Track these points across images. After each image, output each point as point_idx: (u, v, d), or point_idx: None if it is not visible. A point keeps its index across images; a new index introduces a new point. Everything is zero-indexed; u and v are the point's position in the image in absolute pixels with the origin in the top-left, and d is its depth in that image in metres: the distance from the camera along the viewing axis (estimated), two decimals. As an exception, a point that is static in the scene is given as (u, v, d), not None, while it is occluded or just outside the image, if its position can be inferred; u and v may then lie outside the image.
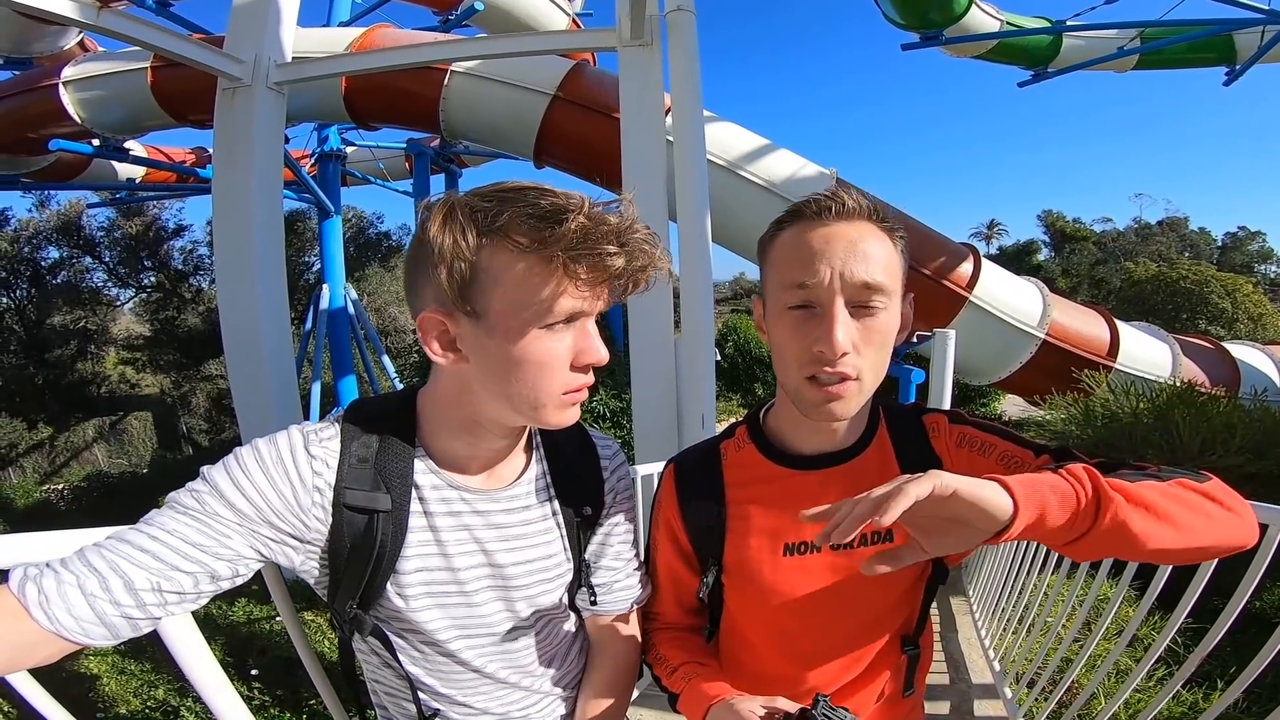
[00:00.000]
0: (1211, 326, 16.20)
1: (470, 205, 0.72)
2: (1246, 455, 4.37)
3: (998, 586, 3.29)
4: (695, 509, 1.00)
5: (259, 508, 0.74)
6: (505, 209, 0.71)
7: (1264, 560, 1.47)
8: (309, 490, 0.77)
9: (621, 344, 8.24)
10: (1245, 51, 9.15)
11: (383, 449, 0.82)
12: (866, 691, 1.00)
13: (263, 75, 3.30)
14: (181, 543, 0.70)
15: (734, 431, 1.05)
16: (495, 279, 0.72)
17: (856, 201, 0.85)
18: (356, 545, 0.80)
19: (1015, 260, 31.37)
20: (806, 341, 0.84)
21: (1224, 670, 2.48)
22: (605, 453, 1.03)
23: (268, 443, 0.78)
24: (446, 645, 0.87)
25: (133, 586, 0.67)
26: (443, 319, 0.75)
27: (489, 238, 0.72)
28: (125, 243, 17.71)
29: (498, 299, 0.73)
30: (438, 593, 0.85)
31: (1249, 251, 38.49)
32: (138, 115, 7.88)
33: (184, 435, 18.56)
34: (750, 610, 1.00)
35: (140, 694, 3.79)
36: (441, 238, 0.71)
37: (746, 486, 0.98)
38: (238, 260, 3.34)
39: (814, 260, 0.83)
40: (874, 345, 0.85)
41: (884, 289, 0.83)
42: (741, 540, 0.97)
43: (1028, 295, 7.35)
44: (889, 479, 0.79)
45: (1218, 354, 8.33)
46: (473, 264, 0.72)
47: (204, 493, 0.73)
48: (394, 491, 0.81)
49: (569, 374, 0.78)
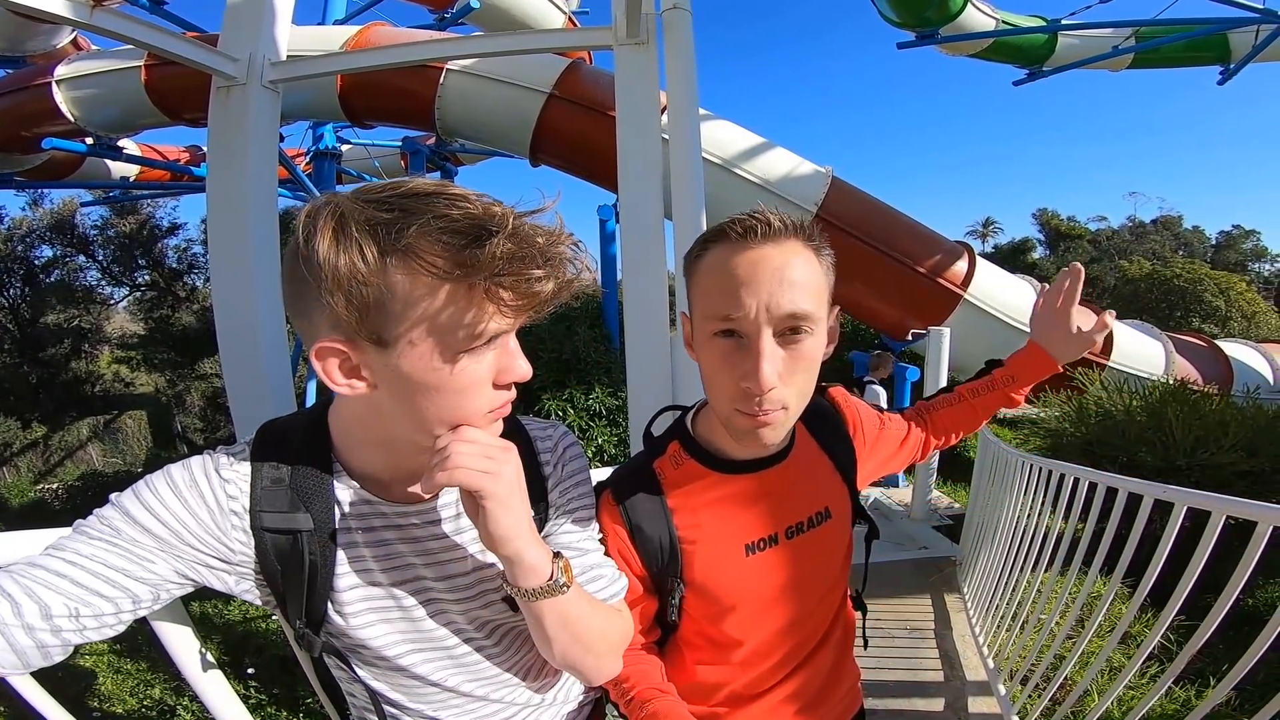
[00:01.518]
0: (1205, 324, 16.28)
1: (367, 217, 0.62)
2: (1239, 453, 4.39)
3: (991, 584, 3.31)
4: (645, 536, 0.98)
5: (176, 531, 0.71)
6: (411, 222, 0.61)
7: (1253, 556, 1.49)
8: (225, 514, 0.74)
9: (617, 342, 8.25)
10: (1240, 50, 9.19)
11: (297, 469, 0.78)
12: (821, 654, 1.08)
13: (257, 73, 3.28)
14: (102, 567, 0.67)
15: (664, 449, 1.03)
16: (406, 305, 0.63)
17: (783, 221, 0.84)
18: (287, 567, 0.77)
19: (1010, 258, 31.39)
20: (734, 375, 0.84)
21: (1217, 668, 2.50)
22: (544, 445, 0.93)
23: (180, 467, 0.75)
24: (399, 661, 0.84)
25: (49, 613, 0.64)
26: (343, 348, 0.66)
27: (394, 258, 0.62)
28: (119, 241, 17.62)
29: (409, 327, 0.64)
30: (379, 609, 0.82)
31: (1243, 250, 38.60)
32: (131, 113, 7.84)
33: (179, 434, 18.49)
34: (717, 613, 1.01)
35: (137, 693, 3.79)
36: (335, 259, 0.61)
37: (694, 501, 0.99)
38: (233, 259, 3.32)
39: (739, 290, 0.81)
40: (801, 371, 0.85)
41: (810, 316, 0.83)
42: (701, 554, 0.98)
43: (1022, 293, 7.38)
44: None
45: (1211, 352, 8.37)
46: (376, 289, 0.62)
47: (116, 519, 0.70)
48: (314, 511, 0.77)
49: (491, 393, 0.72)
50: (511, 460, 0.74)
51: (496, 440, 0.75)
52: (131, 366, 18.94)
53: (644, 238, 3.07)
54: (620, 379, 7.27)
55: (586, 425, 7.21)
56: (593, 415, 7.34)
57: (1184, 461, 4.38)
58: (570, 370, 7.68)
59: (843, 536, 1.06)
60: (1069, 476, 2.40)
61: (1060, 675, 2.29)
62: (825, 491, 1.04)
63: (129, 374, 18.83)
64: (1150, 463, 4.42)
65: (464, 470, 0.69)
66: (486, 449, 0.72)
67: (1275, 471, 4.44)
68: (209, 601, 4.58)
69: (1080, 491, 2.32)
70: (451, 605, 0.86)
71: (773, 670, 1.05)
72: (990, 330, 7.08)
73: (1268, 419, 4.85)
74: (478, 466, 0.70)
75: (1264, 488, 4.33)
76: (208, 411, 18.35)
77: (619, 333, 8.15)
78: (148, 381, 18.92)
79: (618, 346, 8.16)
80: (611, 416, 7.40)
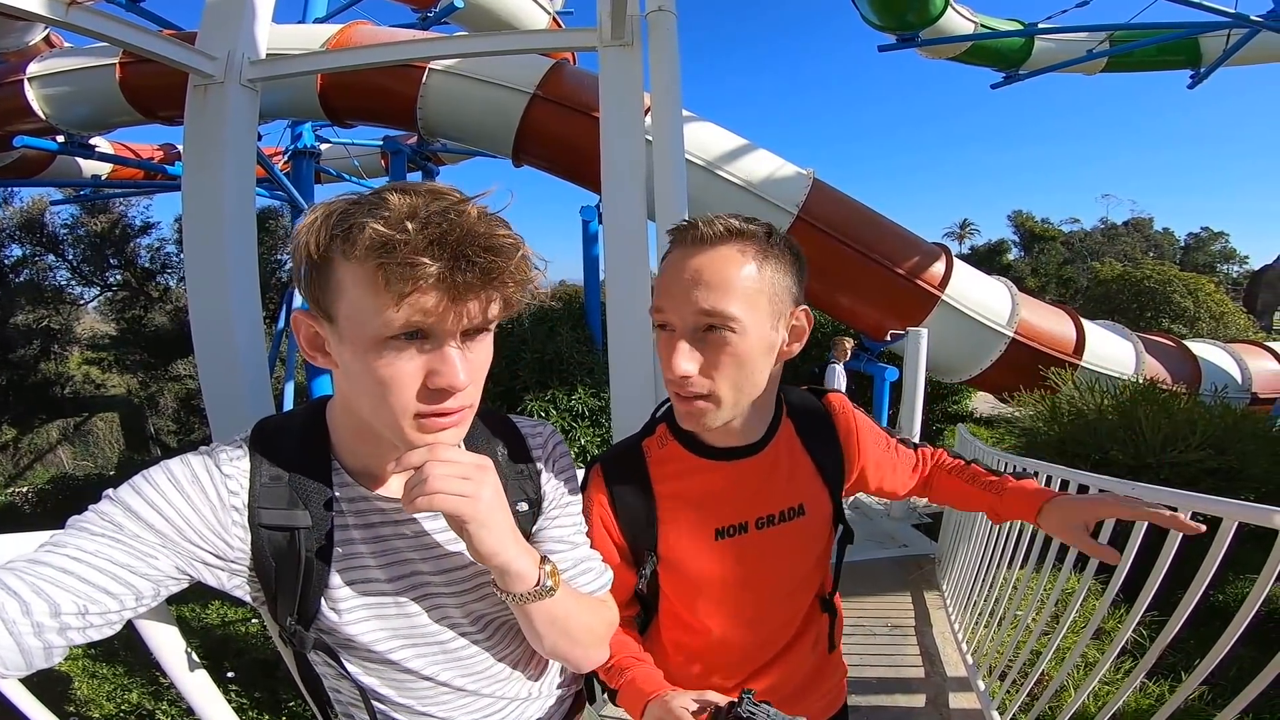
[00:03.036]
0: (1174, 325, 16.61)
1: (341, 210, 0.69)
2: (1207, 451, 4.50)
3: (969, 581, 3.36)
4: (626, 505, 1.04)
5: (178, 527, 0.71)
6: (361, 214, 0.67)
7: (1219, 552, 1.53)
8: (227, 509, 0.75)
9: (601, 343, 8.25)
10: (1211, 55, 9.39)
11: (296, 466, 0.79)
12: (796, 651, 1.12)
13: (236, 72, 3.24)
14: (108, 563, 0.66)
15: (654, 429, 1.11)
16: (341, 286, 0.69)
17: (714, 229, 0.89)
18: (282, 564, 0.78)
19: (986, 260, 31.86)
20: (664, 362, 0.93)
21: (1191, 664, 2.58)
22: (535, 440, 0.97)
23: (179, 463, 0.75)
24: (390, 656, 0.85)
25: (58, 611, 0.63)
26: (310, 321, 0.74)
27: (338, 242, 0.68)
28: (90, 240, 17.20)
29: (343, 307, 0.69)
30: (373, 605, 0.83)
31: (1212, 252, 39.55)
32: (105, 111, 7.69)
33: (152, 437, 18.11)
34: (688, 593, 1.07)
35: (114, 697, 3.74)
36: (301, 239, 0.70)
37: (673, 480, 1.05)
38: (208, 259, 3.27)
39: (667, 288, 0.91)
40: (728, 366, 0.90)
41: (726, 315, 0.87)
42: (674, 530, 1.04)
43: (997, 294, 7.50)
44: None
45: (1180, 352, 8.56)
46: (319, 267, 0.69)
47: (117, 514, 0.70)
48: (312, 508, 0.79)
49: (415, 400, 0.72)
50: (489, 480, 0.77)
51: (472, 458, 0.77)
52: (103, 368, 18.52)
53: (627, 239, 3.08)
54: (603, 380, 7.28)
55: (569, 426, 7.20)
56: (575, 416, 7.34)
57: (1154, 459, 4.48)
58: (553, 371, 7.67)
59: (817, 536, 1.08)
60: (1042, 474, 2.45)
61: (1036, 671, 2.34)
62: (802, 489, 1.07)
63: (100, 375, 18.42)
64: (1121, 460, 4.52)
65: (441, 496, 0.71)
66: (464, 469, 0.74)
67: (1242, 469, 4.57)
68: (187, 605, 4.52)
69: (1053, 489, 2.37)
70: (448, 599, 0.88)
71: (743, 660, 1.10)
72: (966, 331, 7.19)
73: (1235, 418, 4.98)
74: (454, 490, 0.72)
75: (1231, 484, 4.45)
76: (182, 414, 18.00)
77: (602, 333, 8.15)
78: (119, 383, 18.51)
79: (600, 347, 8.16)
80: (594, 417, 7.40)
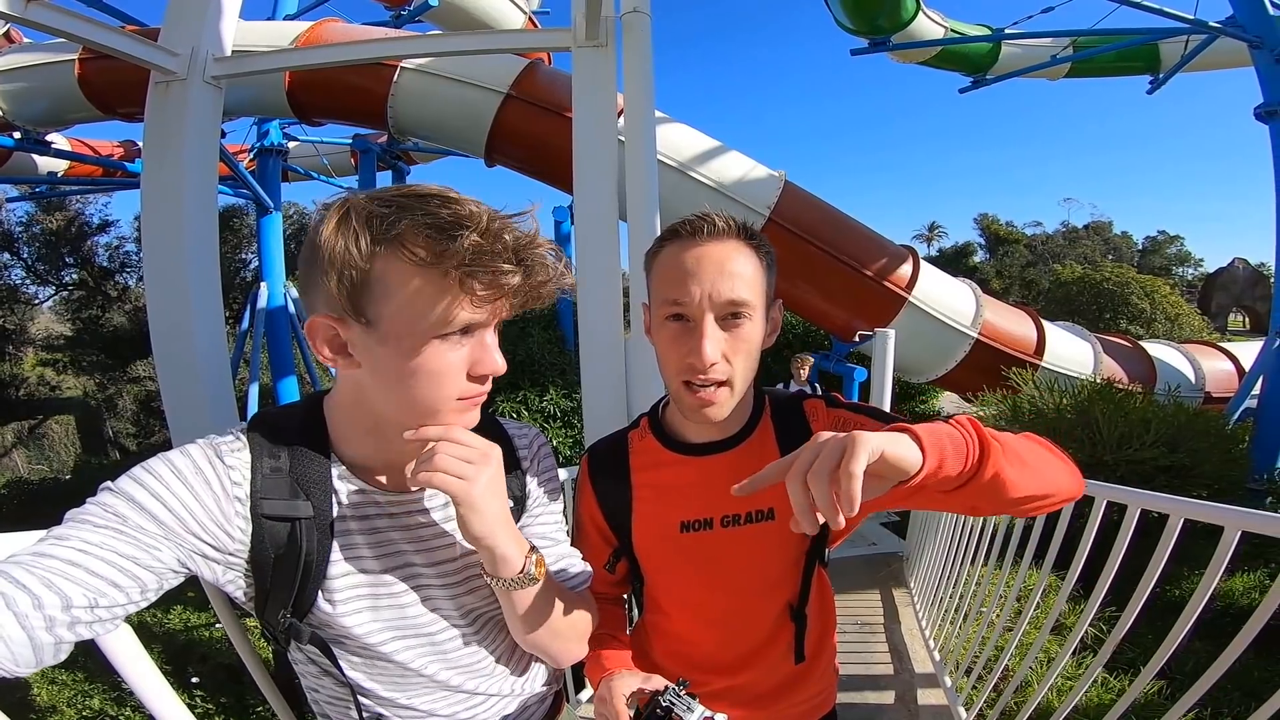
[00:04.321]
0: (1132, 326, 17.17)
1: (368, 210, 0.70)
2: (1161, 448, 4.66)
3: (936, 578, 3.42)
4: (606, 491, 1.12)
5: (182, 519, 0.71)
6: (404, 217, 0.69)
7: (1168, 546, 1.58)
8: (230, 500, 0.75)
9: (572, 344, 8.24)
10: (1169, 60, 9.71)
11: (297, 457, 0.81)
12: (765, 657, 1.11)
13: (199, 69, 3.16)
14: (114, 555, 0.66)
15: (639, 423, 1.17)
16: (389, 289, 0.70)
17: (726, 223, 0.96)
18: (281, 555, 0.78)
19: (953, 261, 32.57)
20: (682, 352, 0.95)
21: (1149, 659, 2.67)
22: (521, 441, 1.02)
23: (179, 454, 0.75)
24: (381, 649, 0.86)
25: (70, 604, 0.62)
26: (333, 324, 0.74)
27: (384, 246, 0.69)
28: (45, 238, 16.66)
29: (391, 309, 0.71)
30: (367, 596, 0.85)
31: (1168, 254, 40.90)
32: (63, 108, 7.50)
33: (110, 439, 17.61)
34: (659, 581, 1.12)
35: (74, 703, 3.65)
36: (334, 242, 0.69)
37: (647, 471, 1.11)
38: (168, 258, 3.19)
39: (687, 280, 0.93)
40: (742, 353, 0.96)
41: (748, 304, 0.94)
42: (645, 518, 1.09)
43: (962, 296, 7.65)
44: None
45: (1136, 352, 8.84)
46: (365, 272, 0.70)
47: (120, 506, 0.69)
48: (314, 499, 0.80)
49: (464, 383, 0.77)
50: (490, 466, 0.80)
51: (480, 443, 0.80)
52: (58, 369, 17.97)
53: (599, 239, 3.09)
54: (575, 381, 7.26)
55: (541, 427, 7.16)
56: (547, 417, 7.32)
57: (1110, 457, 4.63)
58: (524, 372, 7.64)
59: (787, 542, 1.05)
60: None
61: (1000, 665, 2.39)
62: (773, 493, 1.02)
63: (55, 377, 17.87)
64: (1079, 458, 4.60)
65: (440, 475, 0.76)
66: (468, 453, 0.78)
67: (1194, 466, 4.74)
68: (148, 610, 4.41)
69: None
70: (439, 592, 0.90)
71: (709, 657, 1.12)
72: (932, 332, 7.32)
73: (1187, 416, 5.16)
74: (455, 471, 0.76)
75: (1183, 481, 4.62)
76: (141, 416, 17.53)
77: (574, 334, 8.15)
78: (75, 385, 17.97)
79: (572, 348, 8.14)
80: (566, 418, 7.38)
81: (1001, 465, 0.72)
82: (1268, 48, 6.75)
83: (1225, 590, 4.72)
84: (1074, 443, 4.74)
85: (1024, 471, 0.76)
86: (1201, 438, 4.94)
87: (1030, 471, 0.77)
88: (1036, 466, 0.79)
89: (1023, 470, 0.75)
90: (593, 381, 3.09)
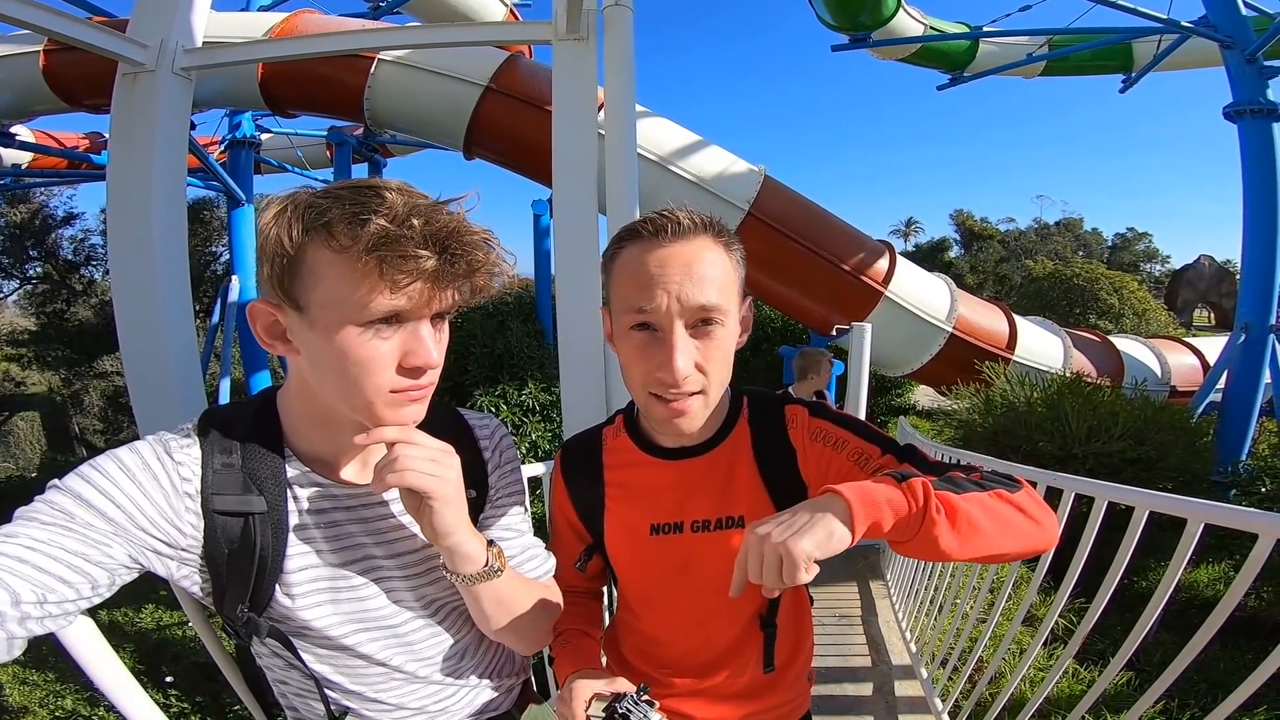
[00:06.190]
0: (1101, 321, 17.50)
1: (308, 202, 0.72)
2: (1128, 441, 4.77)
3: (912, 570, 3.47)
4: (579, 486, 1.10)
5: (131, 515, 0.71)
6: (335, 206, 0.70)
7: (1133, 538, 1.60)
8: (180, 496, 0.75)
9: (550, 337, 8.21)
10: (1142, 60, 9.93)
11: (249, 452, 0.80)
12: (732, 663, 1.08)
13: (168, 60, 3.08)
14: (61, 551, 0.65)
15: (614, 419, 1.13)
16: (316, 275, 0.71)
17: (691, 219, 0.88)
18: (235, 550, 0.78)
19: (930, 257, 32.93)
20: (650, 366, 0.89)
21: (1116, 649, 2.74)
22: (483, 432, 1.01)
23: (128, 451, 0.75)
24: (344, 641, 0.86)
25: (19, 600, 0.61)
26: (272, 310, 0.76)
27: (311, 234, 0.71)
28: (8, 231, 16.22)
29: (318, 295, 0.72)
30: (325, 589, 0.84)
31: (1136, 251, 41.80)
32: (27, 100, 7.32)
33: (76, 436, 17.16)
34: (629, 581, 1.10)
35: (47, 704, 3.59)
36: (270, 230, 0.72)
37: (620, 470, 1.08)
38: (135, 251, 3.12)
39: (652, 285, 0.85)
40: (716, 360, 0.90)
41: (719, 308, 0.87)
42: (616, 517, 1.07)
43: (938, 291, 7.76)
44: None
45: (1104, 347, 9.03)
46: (293, 258, 0.71)
47: (66, 503, 0.68)
48: (267, 493, 0.80)
49: (395, 375, 0.76)
50: (455, 463, 0.82)
51: (438, 444, 0.81)
52: (22, 365, 17.49)
53: (578, 232, 3.08)
54: (554, 374, 7.24)
55: (520, 421, 7.15)
56: (526, 411, 7.29)
57: (1079, 450, 4.73)
58: (503, 366, 7.59)
59: None
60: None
61: (974, 657, 2.42)
62: (743, 500, 1.02)
63: (19, 373, 17.39)
64: (1049, 451, 4.75)
65: (414, 474, 0.76)
66: (432, 453, 0.79)
67: (1160, 458, 4.86)
68: (119, 609, 4.34)
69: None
70: (401, 583, 0.90)
71: (677, 661, 1.09)
72: (908, 326, 7.41)
73: (1154, 410, 5.28)
74: (426, 470, 0.77)
75: (1150, 474, 4.74)
76: (109, 412, 17.11)
77: (553, 328, 8.12)
78: (40, 380, 17.50)
79: (551, 342, 8.11)
80: (545, 412, 7.36)
81: (939, 534, 0.72)
82: (1239, 48, 6.90)
83: (1190, 581, 4.86)
84: (1044, 436, 4.83)
85: (967, 541, 0.74)
86: (1167, 431, 5.06)
87: (977, 538, 0.75)
88: (987, 533, 0.76)
89: (967, 539, 0.74)
90: (572, 375, 3.08)
